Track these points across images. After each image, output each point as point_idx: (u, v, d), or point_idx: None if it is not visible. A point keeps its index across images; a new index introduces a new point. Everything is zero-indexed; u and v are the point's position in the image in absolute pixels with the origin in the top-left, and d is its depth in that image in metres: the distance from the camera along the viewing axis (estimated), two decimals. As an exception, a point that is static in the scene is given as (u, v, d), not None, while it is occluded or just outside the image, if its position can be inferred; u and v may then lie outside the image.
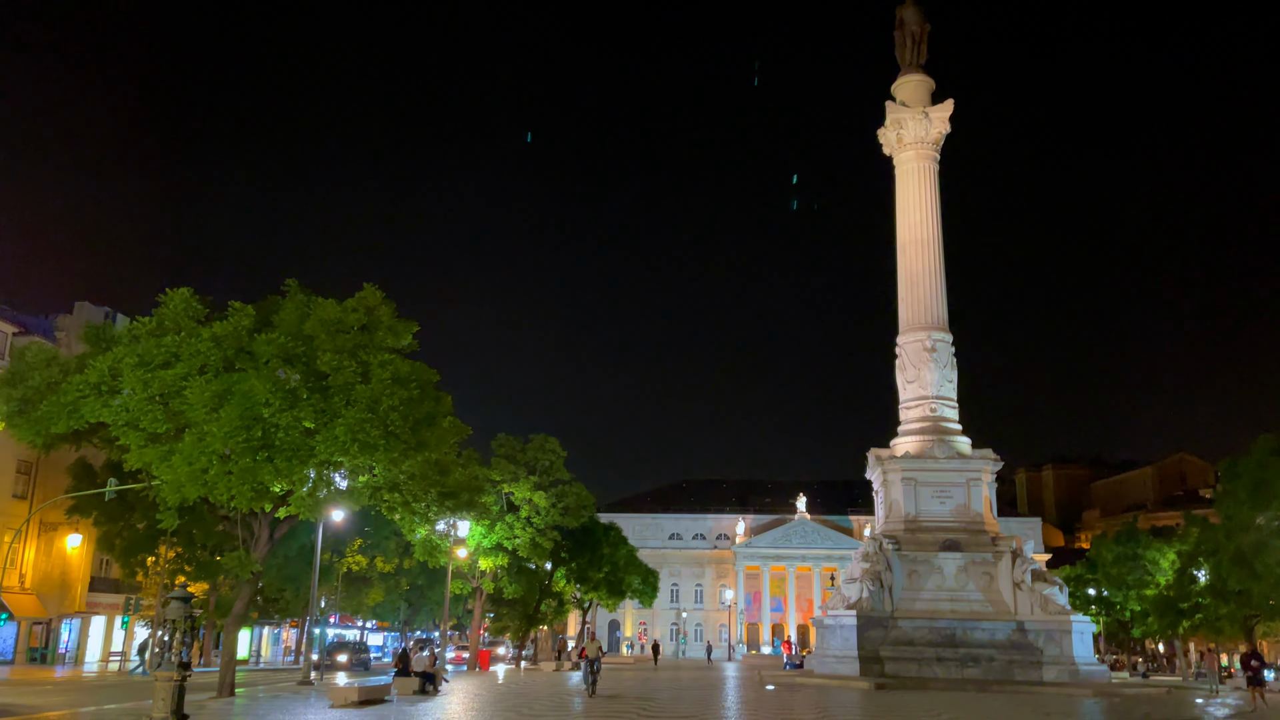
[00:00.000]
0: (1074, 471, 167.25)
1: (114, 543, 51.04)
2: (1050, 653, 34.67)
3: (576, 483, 54.75)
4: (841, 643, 36.25)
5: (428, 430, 25.23)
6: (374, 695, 24.32)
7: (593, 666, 27.76)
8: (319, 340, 24.42)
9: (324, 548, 64.39)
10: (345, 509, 31.23)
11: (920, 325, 41.69)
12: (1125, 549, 67.59)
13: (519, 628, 62.29)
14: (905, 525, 38.81)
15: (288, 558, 51.83)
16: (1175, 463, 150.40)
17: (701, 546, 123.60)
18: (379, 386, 23.01)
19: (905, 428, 41.65)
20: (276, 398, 22.16)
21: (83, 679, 41.88)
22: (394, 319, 26.75)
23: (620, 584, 67.11)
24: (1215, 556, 52.29)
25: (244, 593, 26.75)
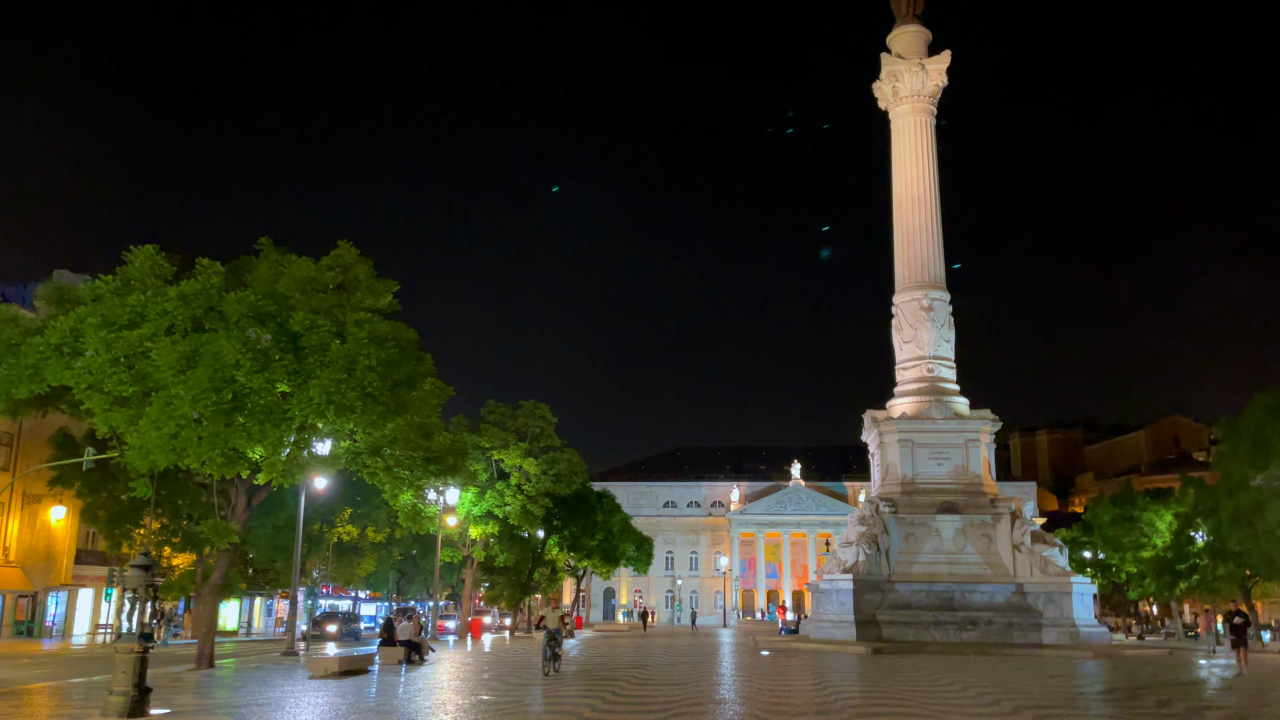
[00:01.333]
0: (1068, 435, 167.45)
1: (97, 514, 50.31)
2: (1050, 615, 34.11)
3: (568, 449, 53.97)
4: (838, 607, 35.64)
5: (408, 392, 24.30)
6: (356, 665, 23.58)
7: (553, 639, 22.52)
8: (293, 300, 23.42)
9: (314, 517, 63.90)
10: (326, 475, 30.30)
11: (917, 283, 40.75)
12: (1122, 511, 67.12)
13: (512, 596, 61.74)
14: (902, 488, 38.09)
15: (276, 528, 51.10)
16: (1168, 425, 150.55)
17: (696, 514, 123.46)
18: (355, 346, 22.02)
19: (902, 389, 40.82)
20: (247, 359, 21.15)
21: (70, 651, 41.26)
22: (372, 278, 25.72)
23: (614, 552, 66.65)
24: (1214, 517, 51.81)
25: (222, 562, 25.90)
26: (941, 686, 19.34)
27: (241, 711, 15.48)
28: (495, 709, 15.57)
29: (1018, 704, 16.13)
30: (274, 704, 16.53)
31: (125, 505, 49.67)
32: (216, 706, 16.23)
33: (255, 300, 22.36)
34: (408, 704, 16.49)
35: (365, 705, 16.26)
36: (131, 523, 49.35)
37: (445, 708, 15.79)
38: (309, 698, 17.54)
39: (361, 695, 17.94)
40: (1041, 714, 14.81)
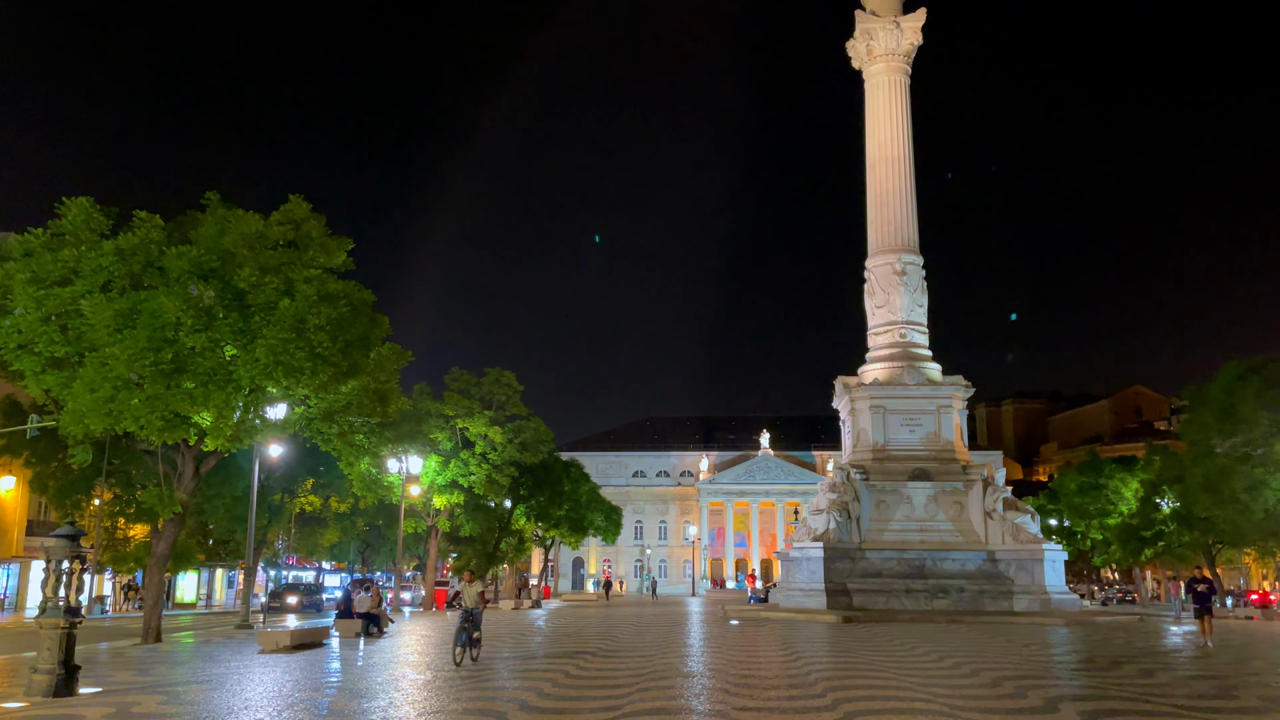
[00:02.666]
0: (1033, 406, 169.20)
1: (47, 484, 48.69)
2: (1021, 582, 33.79)
3: (535, 418, 53.02)
4: (807, 575, 35.12)
5: (362, 354, 23.21)
6: (309, 639, 22.59)
7: (469, 620, 17.40)
8: (240, 256, 22.16)
9: (274, 487, 62.46)
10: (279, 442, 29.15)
11: (890, 247, 39.98)
12: (1088, 479, 67.49)
13: (479, 567, 60.89)
14: (873, 454, 37.53)
15: (235, 497, 49.88)
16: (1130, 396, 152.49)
17: (665, 484, 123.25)
18: (304, 305, 20.87)
19: (874, 354, 40.17)
20: (189, 317, 19.97)
21: (24, 625, 39.98)
22: (325, 235, 24.48)
23: (582, 521, 65.98)
24: (1180, 484, 52.00)
25: (169, 532, 24.74)
26: (917, 656, 18.73)
27: (179, 690, 14.49)
28: (452, 683, 14.70)
29: (997, 674, 15.51)
30: (216, 681, 15.55)
31: (75, 475, 48.09)
32: (154, 685, 15.22)
33: (198, 255, 21.10)
34: (357, 680, 15.56)
35: (312, 681, 15.32)
36: (82, 493, 47.82)
37: (398, 684, 14.89)
38: (256, 673, 16.57)
39: (311, 671, 16.99)
40: (1023, 685, 14.18)
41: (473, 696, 13.30)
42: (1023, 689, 13.71)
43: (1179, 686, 14.20)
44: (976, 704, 12.19)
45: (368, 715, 11.71)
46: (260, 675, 16.29)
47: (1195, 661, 18.19)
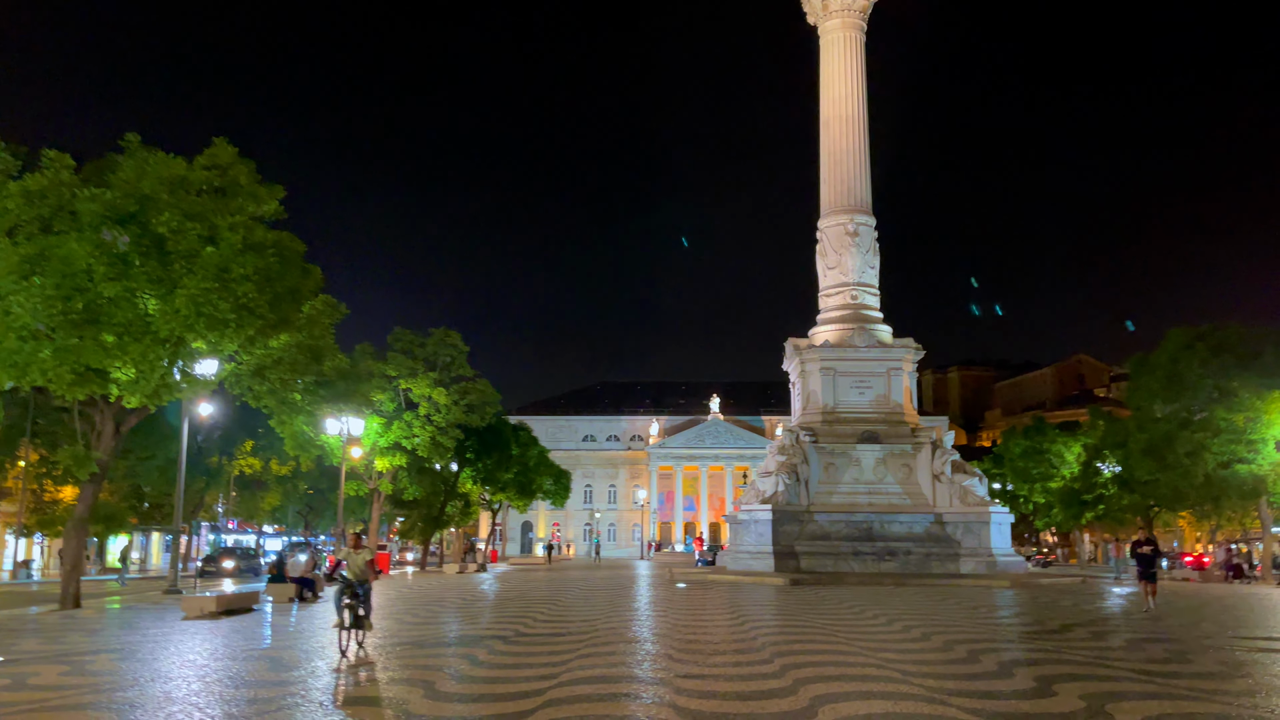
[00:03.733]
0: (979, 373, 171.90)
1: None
2: (968, 544, 33.78)
3: (481, 379, 51.91)
4: (755, 538, 34.77)
5: (292, 307, 22.02)
6: (237, 604, 21.59)
7: (353, 595, 13.62)
8: (160, 201, 20.79)
9: (212, 449, 60.88)
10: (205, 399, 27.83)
11: (843, 208, 39.37)
12: (1033, 443, 68.27)
13: (424, 530, 59.95)
14: (823, 417, 37.17)
15: (170, 459, 48.31)
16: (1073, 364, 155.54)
17: (615, 448, 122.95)
18: (228, 252, 19.63)
19: (825, 315, 39.69)
20: (102, 264, 18.65)
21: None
22: (255, 182, 23.12)
23: (530, 485, 65.21)
24: (1123, 449, 52.62)
25: (86, 494, 23.40)
26: (865, 620, 18.32)
27: (86, 659, 13.50)
28: (381, 650, 13.89)
29: (948, 639, 15.09)
30: (128, 650, 14.57)
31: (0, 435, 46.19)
32: (61, 654, 14.20)
33: (113, 199, 19.70)
34: (281, 649, 14.69)
35: (233, 649, 14.40)
36: (5, 454, 45.95)
37: (325, 651, 14.03)
38: (174, 641, 15.61)
39: (233, 638, 16.06)
40: (975, 649, 13.76)
41: (402, 665, 12.51)
42: (975, 653, 13.28)
43: (1133, 650, 13.87)
44: (929, 669, 11.70)
45: (287, 686, 10.88)
46: (178, 643, 15.33)
47: (1144, 624, 18.00)
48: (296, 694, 10.37)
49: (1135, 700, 9.72)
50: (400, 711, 9.28)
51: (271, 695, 10.29)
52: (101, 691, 10.70)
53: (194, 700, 9.97)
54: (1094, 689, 10.36)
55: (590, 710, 9.16)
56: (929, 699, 9.67)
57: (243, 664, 12.79)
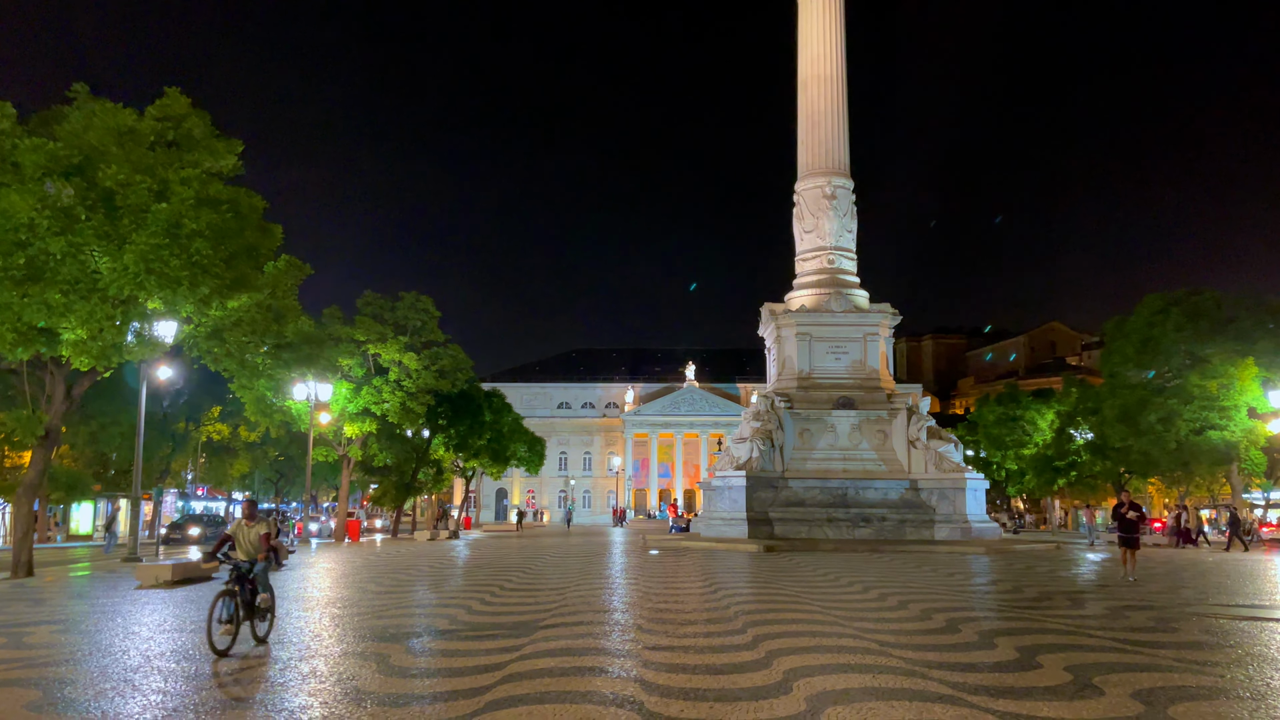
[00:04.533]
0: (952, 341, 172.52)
1: (-79, 410, 45.40)
2: (943, 511, 33.58)
3: (453, 345, 51.10)
4: (729, 505, 34.42)
5: (250, 266, 21.16)
6: (194, 573, 20.89)
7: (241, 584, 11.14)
8: (109, 153, 19.82)
9: (177, 414, 59.71)
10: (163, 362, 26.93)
11: (820, 170, 38.70)
12: (1006, 410, 68.42)
13: (396, 497, 59.31)
14: (799, 382, 36.73)
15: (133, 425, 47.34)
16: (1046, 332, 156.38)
17: (590, 415, 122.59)
18: (179, 207, 18.70)
19: (801, 280, 39.15)
20: (44, 217, 17.71)
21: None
22: (211, 135, 22.15)
23: (504, 452, 64.65)
24: (1096, 415, 52.74)
25: (37, 459, 22.56)
26: (841, 588, 17.93)
27: (25, 631, 12.83)
28: (341, 622, 13.29)
29: (926, 607, 14.70)
30: (72, 621, 13.89)
31: (-47, 400, 44.93)
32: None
33: (56, 150, 18.70)
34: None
35: (181, 620, 13.74)
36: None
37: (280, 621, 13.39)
38: (123, 612, 14.94)
39: (185, 609, 15.40)
40: (954, 618, 13.36)
41: (360, 633, 11.92)
42: (954, 622, 12.87)
43: (1115, 619, 13.52)
44: (908, 639, 11.26)
45: (235, 659, 10.25)
46: (127, 614, 14.66)
47: (1123, 591, 17.71)
48: (244, 669, 9.76)
49: (1123, 672, 9.30)
50: (348, 688, 8.69)
51: (216, 670, 9.67)
52: (34, 666, 10.05)
53: (130, 677, 9.33)
54: (1079, 660, 9.95)
55: (551, 686, 8.61)
56: (908, 672, 9.21)
57: (189, 636, 12.15)
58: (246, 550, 11.62)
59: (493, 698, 8.17)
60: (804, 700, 8.02)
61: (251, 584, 11.33)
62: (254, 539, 11.70)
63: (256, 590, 11.44)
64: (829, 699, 8.06)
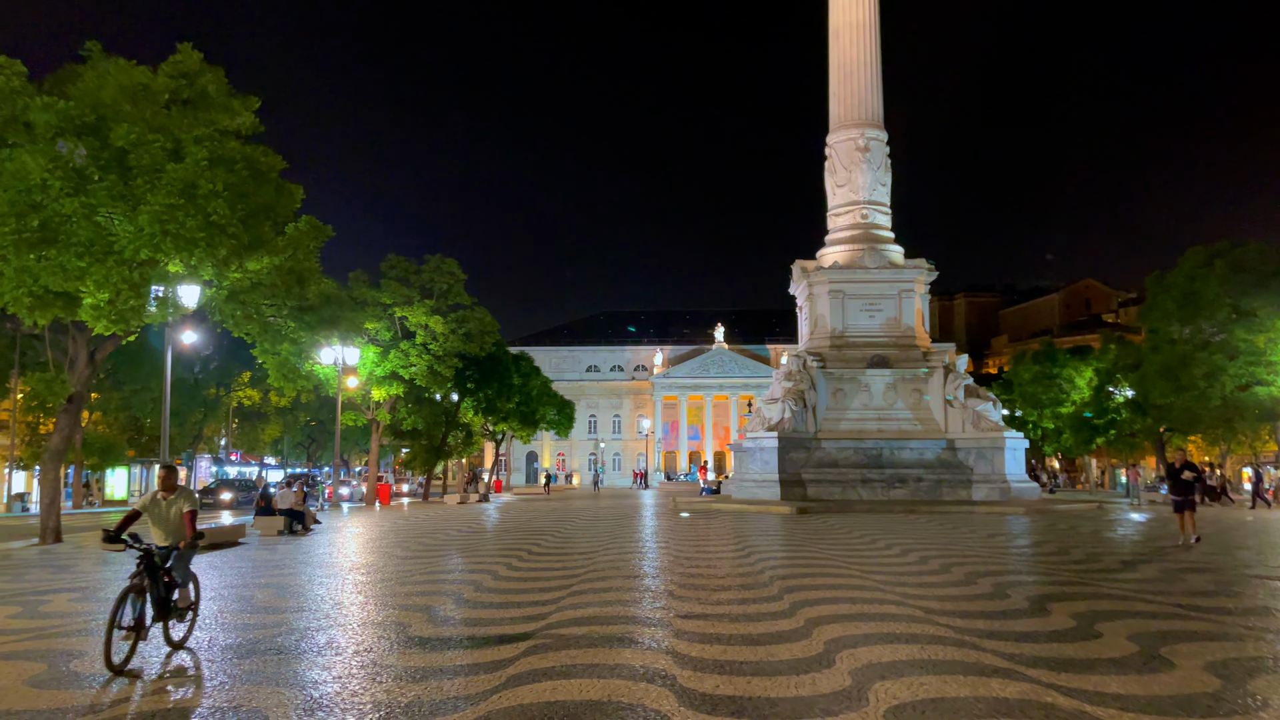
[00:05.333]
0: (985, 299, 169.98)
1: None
2: (981, 471, 32.81)
3: (479, 307, 50.63)
4: (761, 466, 33.85)
5: (268, 226, 20.68)
6: (222, 538, 20.73)
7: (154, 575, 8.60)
8: (122, 111, 19.34)
9: (208, 380, 60.00)
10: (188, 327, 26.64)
11: (853, 121, 37.54)
12: (1042, 368, 67.11)
13: (425, 461, 59.37)
14: (831, 341, 35.92)
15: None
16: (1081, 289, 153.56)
17: (619, 378, 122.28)
18: (194, 166, 18.20)
19: (834, 236, 38.17)
20: (57, 178, 17.27)
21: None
22: (226, 92, 21.60)
23: (533, 415, 64.49)
24: (1137, 372, 51.52)
25: (62, 424, 22.37)
26: (878, 550, 17.35)
27: (43, 600, 12.56)
28: (365, 588, 12.91)
29: (969, 570, 14.09)
30: (91, 589, 13.62)
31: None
32: (17, 594, 13.26)
33: (68, 109, 18.23)
34: (255, 585, 13.69)
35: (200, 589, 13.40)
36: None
37: (303, 591, 13.04)
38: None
39: (208, 575, 15.11)
40: (1000, 582, 12.73)
41: (382, 601, 11.51)
42: (1001, 587, 12.25)
43: (1171, 582, 12.84)
44: (954, 606, 10.66)
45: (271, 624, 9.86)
46: (147, 581, 14.37)
47: (1178, 554, 16.96)
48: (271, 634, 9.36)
49: (1191, 642, 8.66)
50: (365, 661, 8.25)
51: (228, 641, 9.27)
52: (45, 637, 9.73)
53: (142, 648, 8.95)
54: (1141, 628, 9.31)
55: (577, 659, 8.12)
56: (958, 642, 8.62)
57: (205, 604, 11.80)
58: (164, 530, 9.06)
59: (515, 671, 7.68)
60: (848, 674, 7.46)
61: (167, 577, 8.69)
62: (173, 517, 9.05)
63: (174, 585, 8.83)
64: (875, 673, 7.49)
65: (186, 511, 9.06)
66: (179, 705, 6.91)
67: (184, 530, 9.04)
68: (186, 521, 9.02)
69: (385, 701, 6.86)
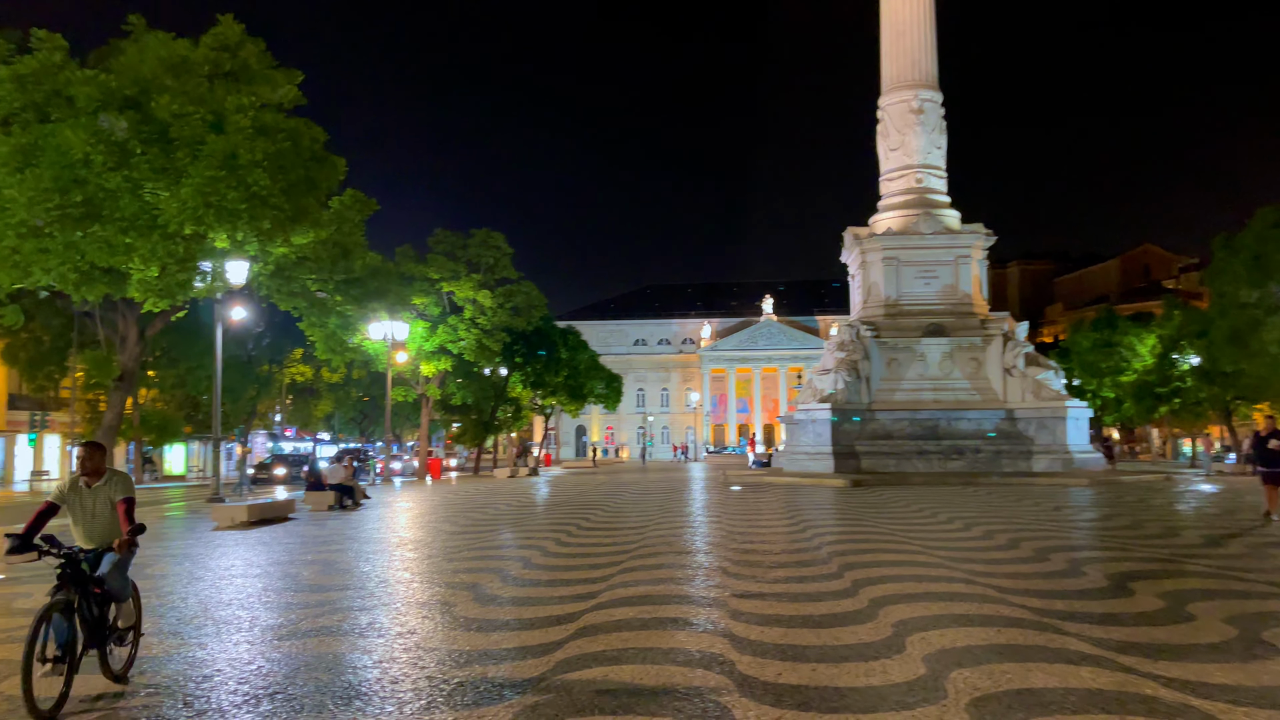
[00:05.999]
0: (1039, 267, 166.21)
1: (18, 356, 46.77)
2: (1042, 441, 31.80)
3: (526, 281, 50.49)
4: (813, 438, 33.18)
5: (310, 198, 20.42)
6: (271, 514, 20.67)
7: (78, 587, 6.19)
8: (165, 84, 19.15)
9: (261, 357, 60.63)
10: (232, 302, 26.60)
11: (906, 83, 36.35)
12: (1102, 335, 65.20)
13: (476, 435, 59.60)
14: (885, 310, 35.01)
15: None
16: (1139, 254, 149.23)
17: (667, 351, 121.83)
18: (235, 138, 17.95)
19: (887, 202, 37.12)
20: (99, 153, 17.13)
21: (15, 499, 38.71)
22: (267, 64, 21.34)
23: (581, 389, 64.38)
24: (1203, 338, 49.76)
25: (115, 401, 22.52)
26: (939, 525, 16.70)
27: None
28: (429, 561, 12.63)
29: (1039, 545, 13.41)
30: (140, 565, 13.37)
31: (47, 346, 46.06)
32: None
33: (109, 82, 18.07)
34: (302, 563, 13.48)
35: (245, 565, 13.25)
36: (54, 365, 45.95)
37: (351, 569, 12.80)
38: (194, 554, 14.58)
39: (255, 550, 15.00)
40: (1075, 559, 12.06)
41: (429, 579, 11.19)
42: (1076, 564, 11.58)
43: (1260, 559, 12.07)
44: (1027, 584, 10.04)
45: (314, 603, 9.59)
46: (195, 558, 14.27)
47: (1266, 528, 16.07)
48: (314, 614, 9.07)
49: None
50: (408, 644, 7.89)
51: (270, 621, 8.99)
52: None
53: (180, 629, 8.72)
54: (1237, 610, 8.62)
55: (629, 642, 7.68)
56: (1038, 625, 8.03)
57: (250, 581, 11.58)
58: (88, 527, 6.72)
59: (564, 656, 7.26)
60: (922, 661, 6.92)
61: (99, 589, 6.48)
62: (101, 510, 6.72)
63: (109, 599, 6.61)
64: (951, 660, 6.94)
65: (120, 501, 6.64)
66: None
67: (118, 526, 6.63)
68: (121, 515, 6.60)
69: (427, 689, 6.48)
